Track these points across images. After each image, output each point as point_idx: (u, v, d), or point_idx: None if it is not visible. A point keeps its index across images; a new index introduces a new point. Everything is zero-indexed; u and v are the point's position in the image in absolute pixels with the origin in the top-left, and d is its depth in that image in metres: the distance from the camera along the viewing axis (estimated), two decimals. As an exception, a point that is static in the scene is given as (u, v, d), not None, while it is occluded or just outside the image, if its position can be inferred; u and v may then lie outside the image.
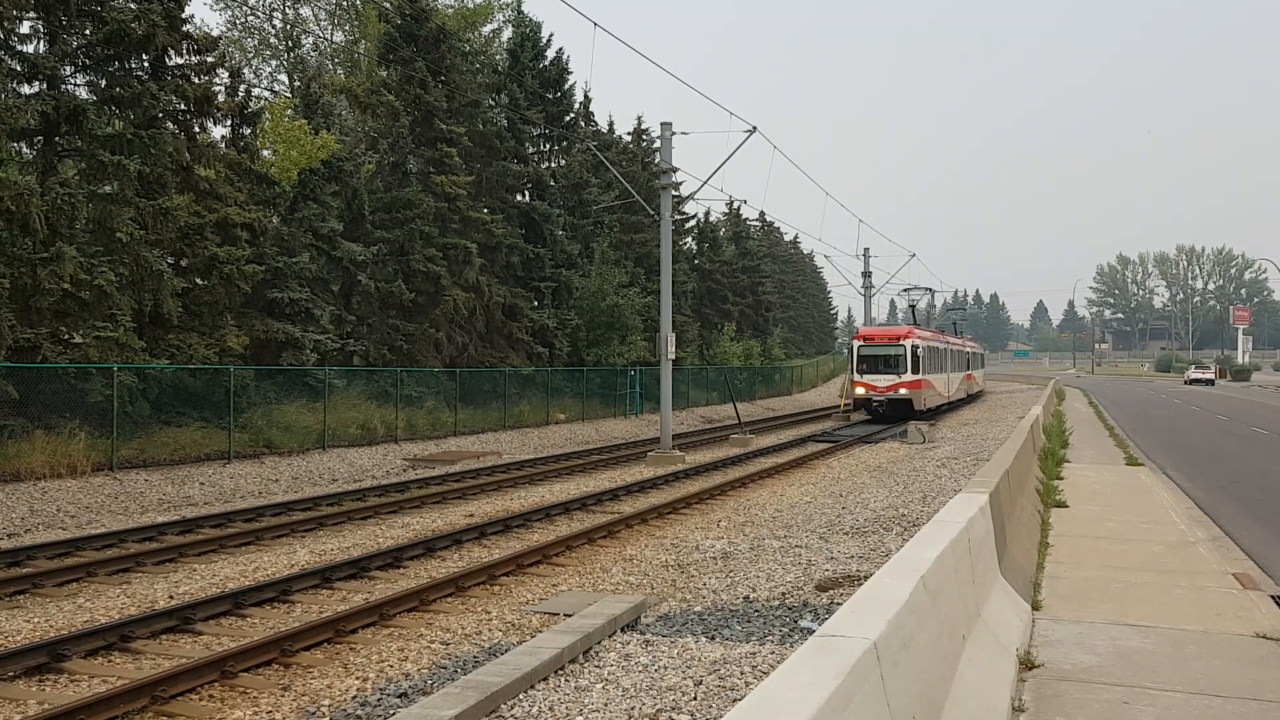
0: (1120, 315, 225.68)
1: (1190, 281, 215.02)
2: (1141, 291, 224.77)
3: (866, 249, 58.78)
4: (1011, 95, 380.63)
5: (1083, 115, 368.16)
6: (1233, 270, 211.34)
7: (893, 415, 40.66)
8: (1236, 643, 8.19)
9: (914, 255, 62.91)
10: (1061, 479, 18.73)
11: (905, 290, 63.02)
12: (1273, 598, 9.89)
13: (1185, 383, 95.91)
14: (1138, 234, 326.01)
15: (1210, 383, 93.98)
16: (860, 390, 41.64)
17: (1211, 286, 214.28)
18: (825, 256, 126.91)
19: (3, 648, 9.53)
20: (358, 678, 8.78)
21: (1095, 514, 15.15)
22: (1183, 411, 48.78)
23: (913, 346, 40.98)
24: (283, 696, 8.32)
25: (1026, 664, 7.46)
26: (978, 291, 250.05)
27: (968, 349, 65.30)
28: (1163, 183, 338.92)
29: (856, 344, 42.85)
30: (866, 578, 6.20)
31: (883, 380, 41.07)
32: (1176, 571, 11.09)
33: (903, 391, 40.72)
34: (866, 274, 58.76)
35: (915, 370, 40.85)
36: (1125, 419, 41.69)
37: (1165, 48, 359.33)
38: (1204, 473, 22.07)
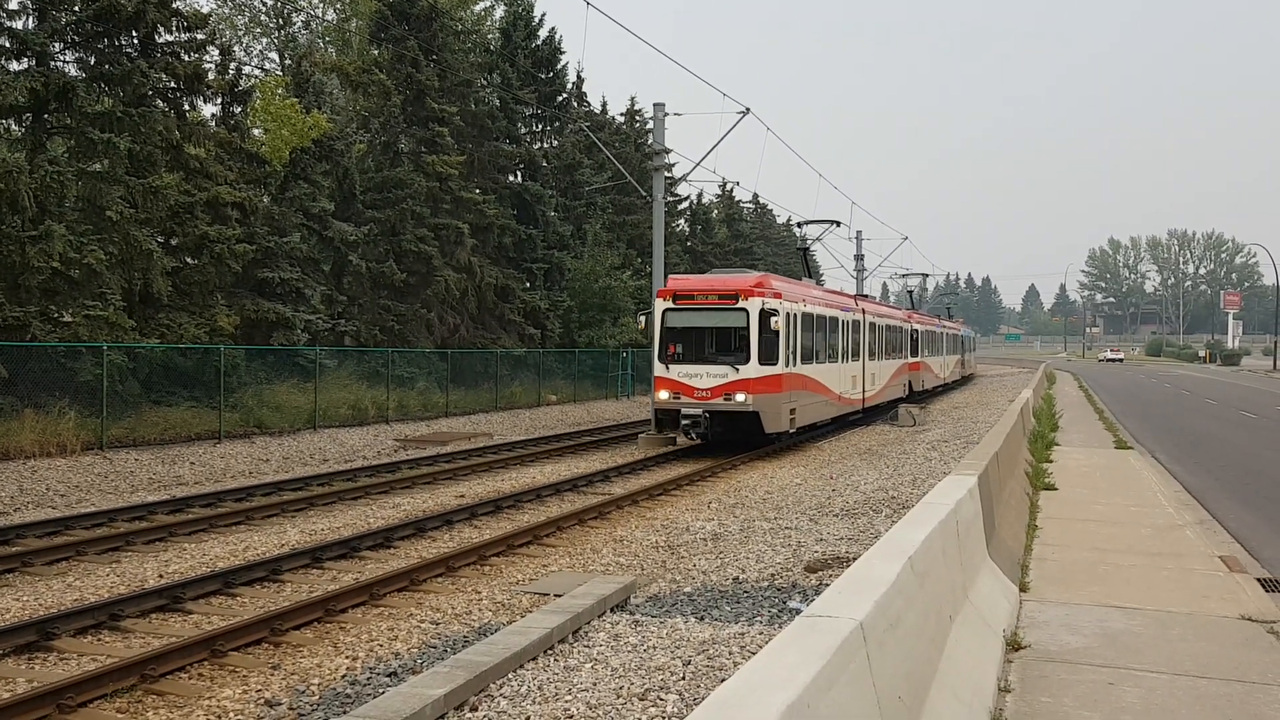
0: (1112, 299, 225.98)
1: (1181, 266, 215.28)
2: (1133, 275, 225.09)
3: (859, 232, 58.73)
4: (1005, 80, 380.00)
5: (1075, 100, 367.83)
6: (1223, 255, 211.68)
7: (726, 436, 23.48)
8: (1222, 625, 8.25)
9: (906, 238, 62.85)
10: (1051, 462, 18.80)
11: (901, 275, 59.25)
12: (1259, 580, 9.97)
13: (1099, 360, 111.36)
14: (1129, 218, 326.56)
15: (1119, 361, 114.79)
16: (663, 393, 23.07)
17: (1202, 271, 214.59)
18: (818, 239, 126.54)
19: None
20: (347, 657, 8.79)
21: (1083, 497, 15.23)
22: (1172, 395, 48.95)
23: (764, 311, 22.50)
24: (272, 675, 8.34)
25: (1013, 645, 7.51)
26: (970, 275, 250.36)
27: (954, 332, 59.50)
28: (1155, 167, 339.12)
29: (661, 304, 23.49)
30: (856, 559, 6.23)
31: (707, 375, 22.70)
32: (1164, 554, 11.16)
33: (741, 398, 22.23)
34: (859, 256, 58.73)
35: (770, 357, 22.86)
36: (1115, 403, 41.82)
37: (1159, 35, 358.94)
38: (1192, 456, 22.17)
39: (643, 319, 24.88)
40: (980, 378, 72.85)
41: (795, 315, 24.30)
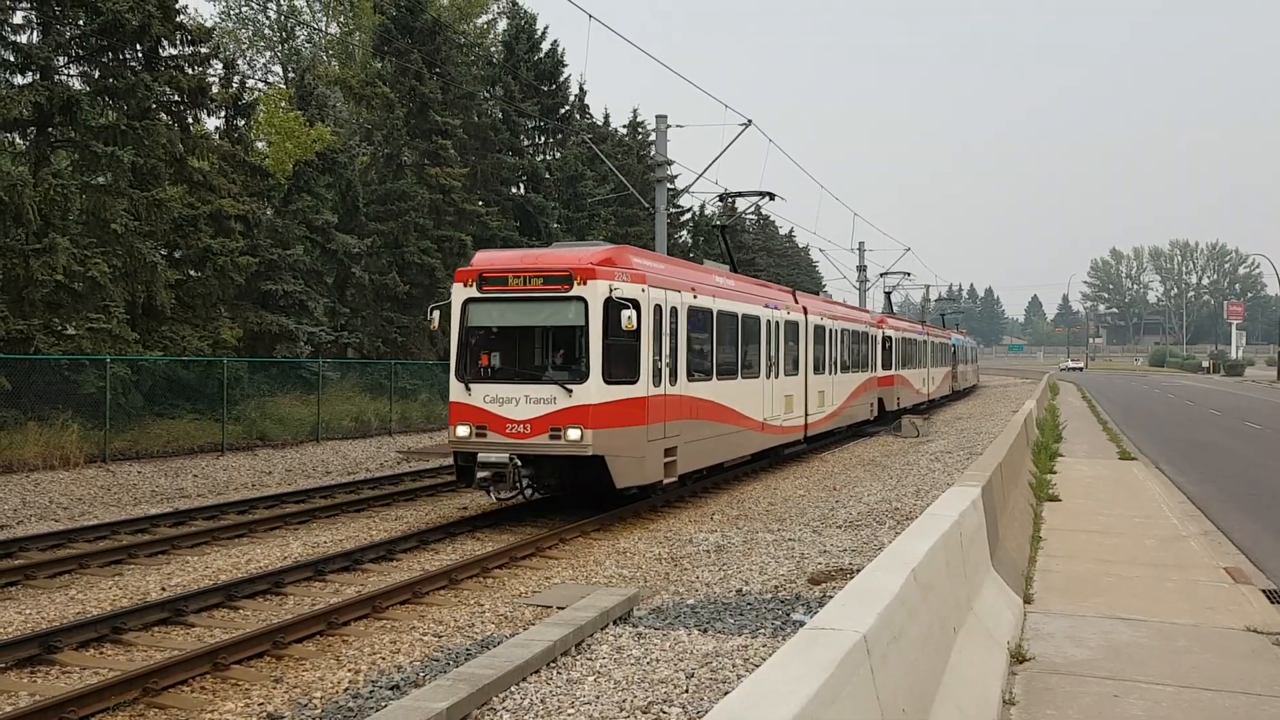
0: (1114, 310, 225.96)
1: (1184, 276, 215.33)
2: (1136, 286, 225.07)
3: (861, 243, 58.74)
4: (1006, 91, 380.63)
5: (1077, 111, 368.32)
6: (1227, 265, 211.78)
7: (558, 493, 17.10)
8: (1227, 636, 8.21)
9: (909, 249, 62.81)
10: (1054, 473, 18.76)
11: (882, 275, 54.25)
12: (1264, 592, 9.93)
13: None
14: (1132, 229, 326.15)
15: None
16: (462, 428, 15.66)
17: (1205, 281, 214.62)
18: (820, 250, 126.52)
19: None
20: (350, 670, 8.77)
21: (1088, 508, 15.19)
22: (1176, 406, 48.87)
23: (612, 302, 15.07)
24: (274, 688, 8.32)
25: (1018, 657, 7.48)
26: (972, 286, 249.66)
27: (943, 341, 52.71)
28: (1157, 177, 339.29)
29: (460, 292, 16.04)
30: (859, 571, 6.21)
31: (526, 400, 15.38)
32: (1168, 565, 11.12)
33: (575, 435, 15.00)
34: (861, 267, 58.76)
35: (624, 371, 15.59)
36: (1119, 413, 41.75)
37: (1160, 46, 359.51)
38: (1197, 467, 22.12)
39: (435, 314, 16.34)
40: (983, 389, 72.77)
41: (675, 310, 16.78)
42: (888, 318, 39.50)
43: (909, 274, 57.36)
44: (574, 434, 14.87)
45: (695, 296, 17.99)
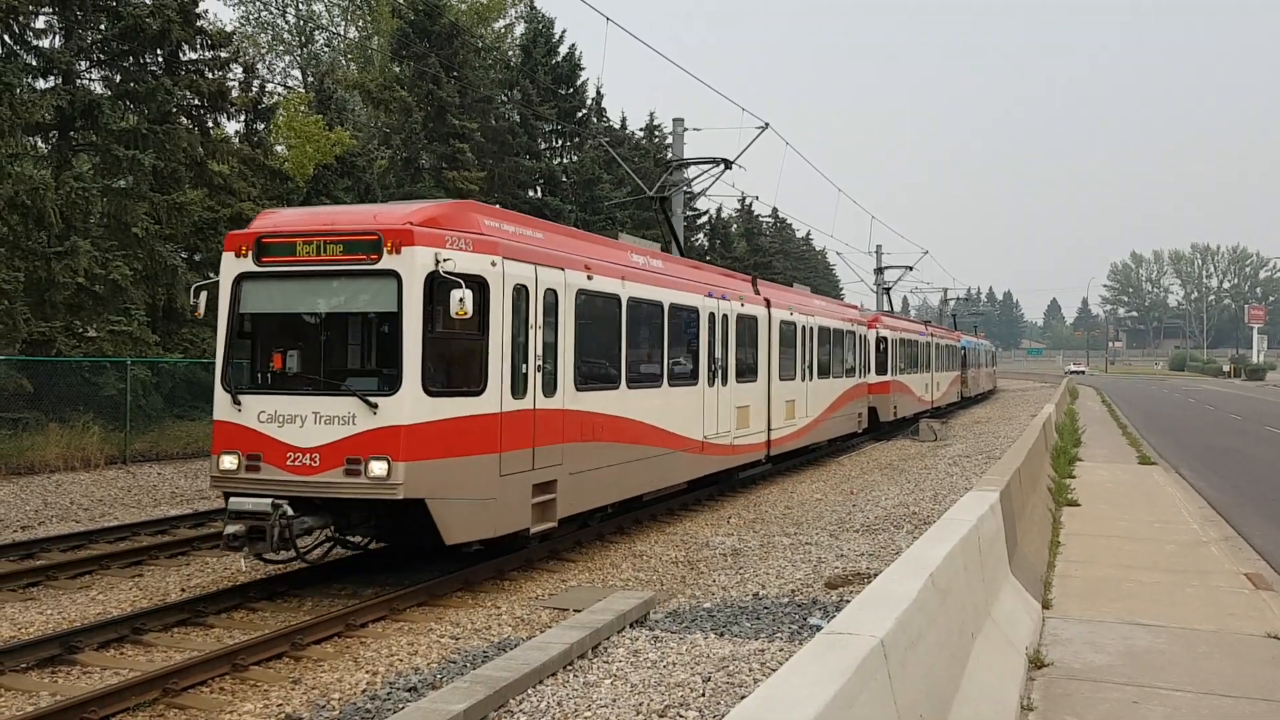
0: (1134, 313, 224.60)
1: (1205, 280, 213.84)
2: (1156, 290, 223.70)
3: (879, 246, 58.53)
4: (1027, 94, 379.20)
5: (1097, 114, 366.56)
6: (1248, 269, 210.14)
7: (361, 544, 12.85)
8: (1248, 643, 8.15)
9: (926, 252, 62.62)
10: (1074, 477, 18.67)
11: (878, 270, 50.50)
12: (1285, 598, 9.85)
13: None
14: (1152, 232, 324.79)
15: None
16: (228, 458, 10.97)
17: (1226, 285, 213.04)
18: (837, 253, 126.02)
19: (16, 639, 9.59)
20: (368, 671, 8.80)
21: (1107, 513, 15.11)
22: (1196, 410, 48.55)
23: (440, 279, 10.75)
24: (293, 690, 8.36)
25: (1036, 663, 7.45)
26: (991, 289, 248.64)
27: (950, 343, 48.36)
28: (1177, 181, 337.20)
29: (233, 264, 11.48)
30: (876, 575, 6.20)
31: (314, 419, 10.80)
32: (1188, 571, 11.05)
33: (380, 471, 10.48)
34: (879, 270, 58.57)
35: (458, 377, 11.41)
36: (1138, 417, 41.49)
37: (1176, 48, 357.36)
38: (1217, 472, 21.97)
39: (202, 297, 11.94)
40: (1001, 393, 72.43)
41: (555, 294, 12.74)
42: (884, 316, 35.74)
43: (910, 268, 54.05)
44: (378, 468, 10.44)
45: (590, 277, 13.66)
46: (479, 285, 11.11)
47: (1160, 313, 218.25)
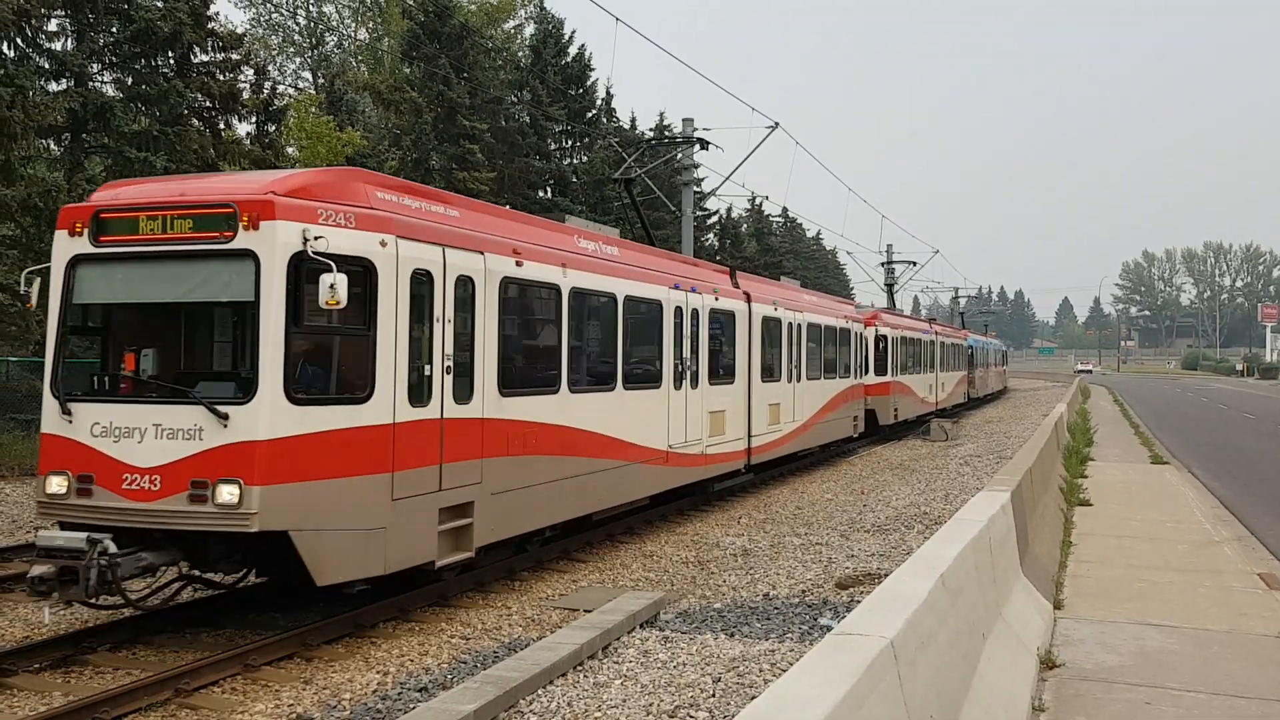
0: (1146, 312, 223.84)
1: (1218, 278, 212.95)
2: (1168, 288, 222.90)
3: (889, 245, 58.40)
4: (1037, 92, 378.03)
5: (1108, 112, 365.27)
6: (1260, 267, 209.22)
7: (216, 583, 10.80)
8: (1261, 643, 8.12)
9: (937, 251, 62.45)
10: (1085, 477, 18.61)
11: (882, 265, 48.90)
12: (1299, 598, 9.80)
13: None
14: (1164, 230, 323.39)
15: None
16: (56, 479, 9.05)
17: (1239, 284, 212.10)
18: (848, 253, 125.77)
19: (29, 640, 9.63)
20: (378, 672, 8.82)
21: (1119, 513, 15.06)
22: (1209, 409, 48.34)
23: (307, 257, 8.87)
24: (304, 689, 8.38)
25: (1048, 663, 7.42)
26: (1003, 288, 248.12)
27: (957, 342, 46.37)
28: (1189, 179, 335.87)
29: (66, 246, 9.55)
30: (887, 575, 6.19)
31: (154, 433, 8.86)
32: (1201, 571, 11.00)
33: (230, 496, 8.57)
34: (886, 265, 58.40)
35: (317, 377, 9.38)
36: (1151, 417, 41.33)
37: (1185, 47, 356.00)
38: (1230, 471, 21.87)
39: (35, 285, 10.13)
40: (1013, 392, 72.23)
41: (471, 282, 10.94)
42: (883, 313, 33.72)
43: (914, 264, 52.65)
44: (227, 493, 8.59)
45: (520, 264, 11.79)
46: (363, 269, 9.33)
47: (1173, 312, 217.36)
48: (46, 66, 22.51)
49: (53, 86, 22.74)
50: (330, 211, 9.23)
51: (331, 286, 8.64)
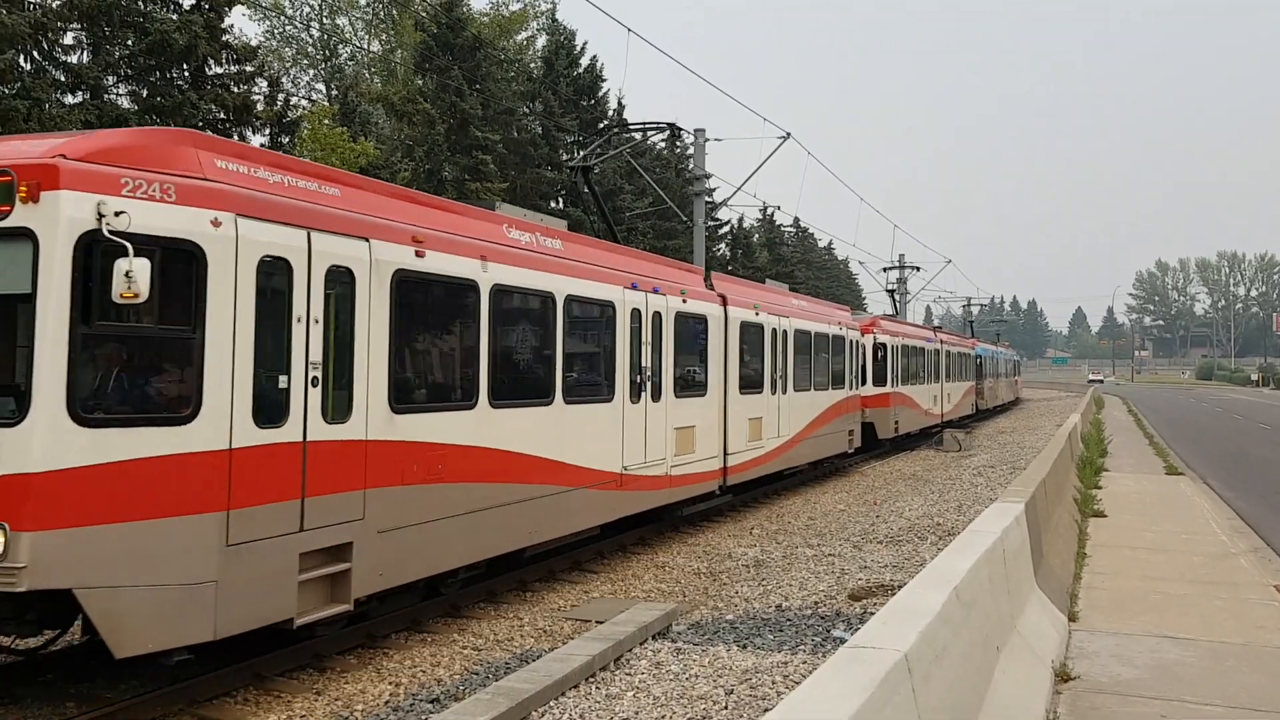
0: (1160, 322, 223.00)
1: (1232, 288, 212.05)
2: (1182, 298, 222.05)
3: (901, 255, 58.34)
4: (1049, 101, 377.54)
5: (1122, 122, 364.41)
6: (1275, 276, 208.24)
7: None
8: (1278, 656, 8.05)
9: (949, 261, 62.41)
10: (1100, 488, 18.51)
11: (885, 270, 47.40)
12: (1316, 611, 9.72)
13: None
14: (1178, 240, 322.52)
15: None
16: None
17: (1254, 293, 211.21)
18: (860, 262, 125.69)
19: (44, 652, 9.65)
20: (390, 683, 8.83)
21: (1134, 524, 14.97)
22: (1223, 419, 48.08)
23: (102, 237, 7.11)
24: (316, 701, 8.38)
25: (1062, 676, 7.38)
26: (1015, 298, 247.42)
27: (964, 350, 44.43)
28: (1203, 188, 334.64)
29: None
30: (901, 587, 6.17)
31: None
32: (1217, 583, 10.93)
33: None
34: (902, 279, 58.32)
35: (114, 389, 7.45)
36: (1165, 427, 41.12)
37: (1199, 56, 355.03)
38: (1245, 482, 21.73)
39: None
40: (1026, 403, 71.96)
41: (351, 275, 9.24)
42: (883, 320, 32.02)
43: (918, 268, 51.37)
44: None
45: (421, 254, 9.93)
46: (186, 255, 7.59)
47: (1187, 321, 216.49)
48: (63, 79, 22.66)
49: (69, 99, 22.89)
50: (141, 181, 7.46)
51: (127, 275, 6.96)
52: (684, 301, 15.90)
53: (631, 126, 23.11)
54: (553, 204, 43.61)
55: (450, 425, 10.30)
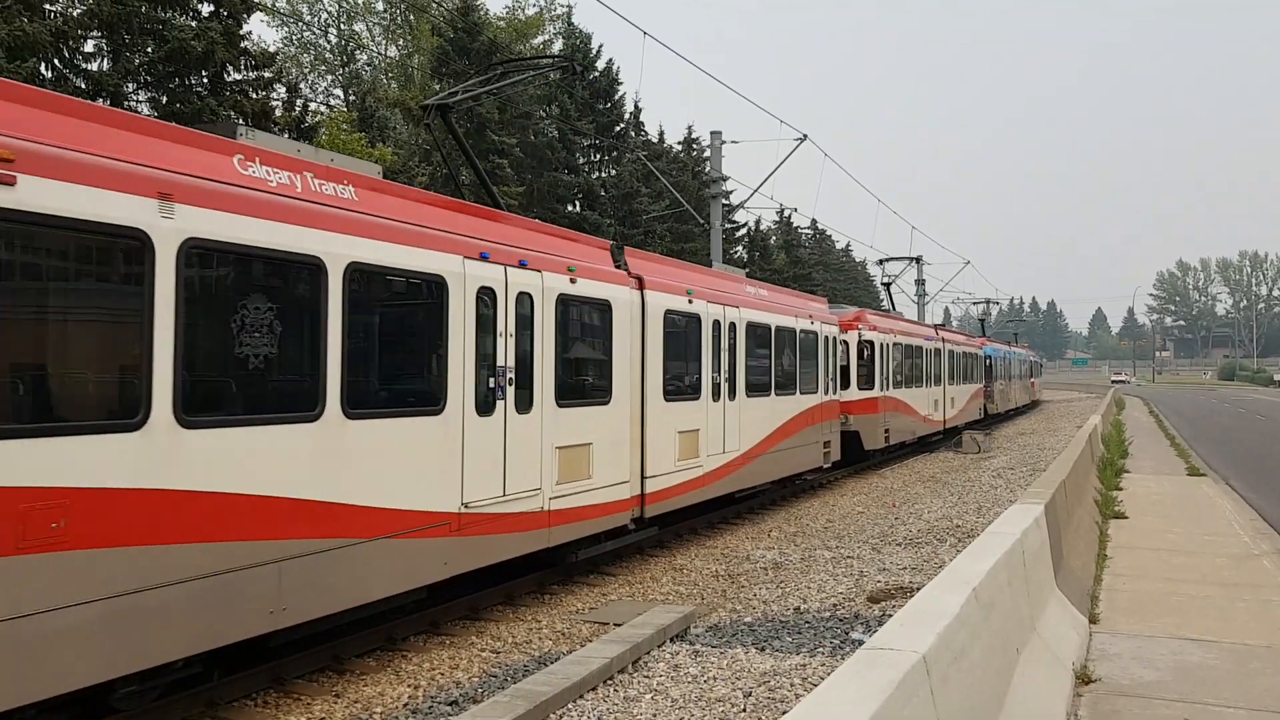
0: (1181, 322, 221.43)
1: (1254, 288, 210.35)
2: (1204, 298, 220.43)
3: (919, 256, 58.07)
4: (1070, 102, 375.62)
5: (1142, 121, 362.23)
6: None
7: None
8: (1302, 659, 7.98)
9: (968, 262, 62.17)
10: (1120, 489, 18.38)
11: (881, 262, 43.95)
12: (1341, 612, 9.63)
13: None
14: (1199, 240, 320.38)
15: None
16: None
17: (1277, 293, 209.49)
18: (878, 263, 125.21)
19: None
20: (409, 685, 8.85)
21: (1155, 525, 14.86)
22: (1246, 420, 47.70)
23: None
24: (335, 703, 8.41)
25: (1083, 678, 7.33)
26: (1034, 299, 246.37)
27: (970, 351, 41.10)
28: (1224, 188, 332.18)
29: None
30: (919, 589, 6.14)
31: None
32: (1240, 584, 10.83)
33: None
34: (920, 281, 58.12)
35: None
36: (1187, 428, 40.81)
37: (1220, 57, 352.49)
38: (1268, 483, 21.54)
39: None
40: (1046, 404, 71.55)
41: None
42: (870, 314, 28.08)
43: (919, 258, 48.31)
44: None
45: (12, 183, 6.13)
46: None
47: (1208, 321, 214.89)
48: (83, 86, 22.84)
49: (89, 106, 23.11)
50: None
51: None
52: (571, 282, 12.15)
53: (528, 58, 20.32)
54: (569, 207, 43.69)
55: (97, 459, 6.60)
